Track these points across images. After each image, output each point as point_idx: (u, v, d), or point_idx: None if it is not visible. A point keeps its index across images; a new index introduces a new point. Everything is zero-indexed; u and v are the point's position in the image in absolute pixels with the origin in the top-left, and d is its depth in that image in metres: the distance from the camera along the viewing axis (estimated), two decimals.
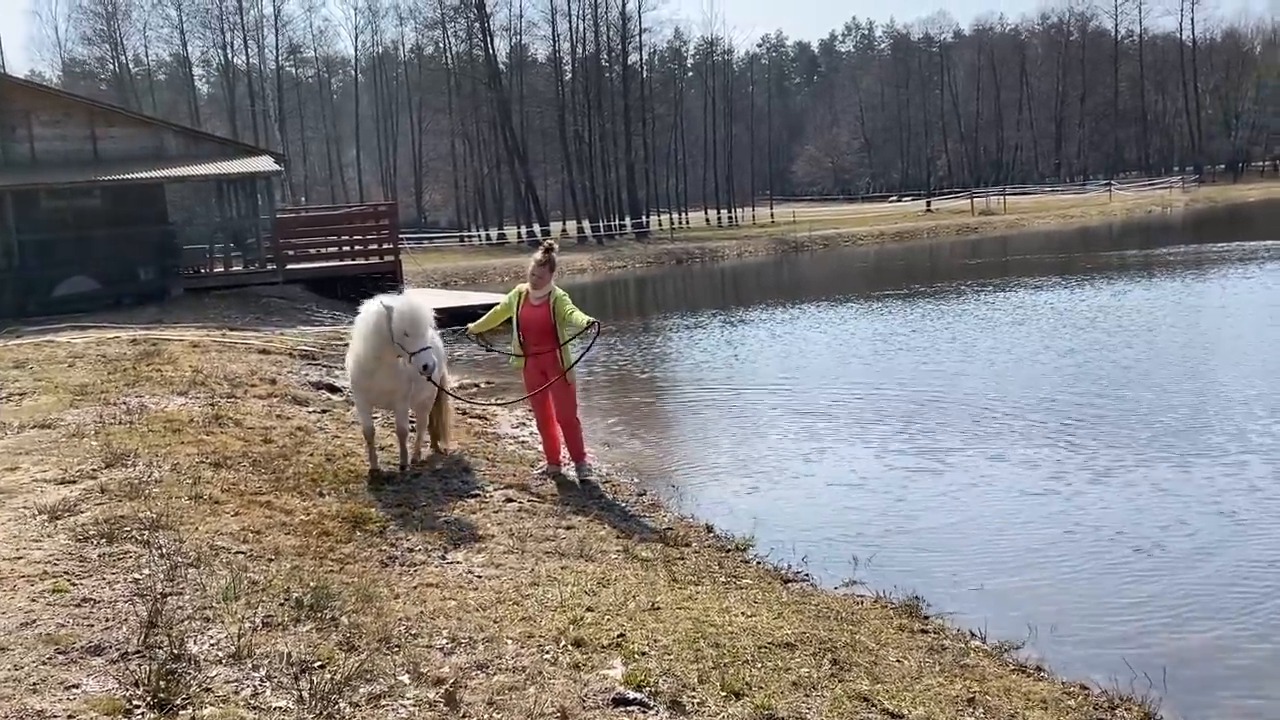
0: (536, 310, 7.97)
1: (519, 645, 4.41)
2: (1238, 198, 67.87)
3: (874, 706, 4.11)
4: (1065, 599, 5.97)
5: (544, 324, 7.95)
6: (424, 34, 71.59)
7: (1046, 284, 23.84)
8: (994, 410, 10.76)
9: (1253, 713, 4.67)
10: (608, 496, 7.86)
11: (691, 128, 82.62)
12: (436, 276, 37.69)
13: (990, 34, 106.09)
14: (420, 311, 7.27)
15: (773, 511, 7.80)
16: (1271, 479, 7.81)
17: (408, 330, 7.16)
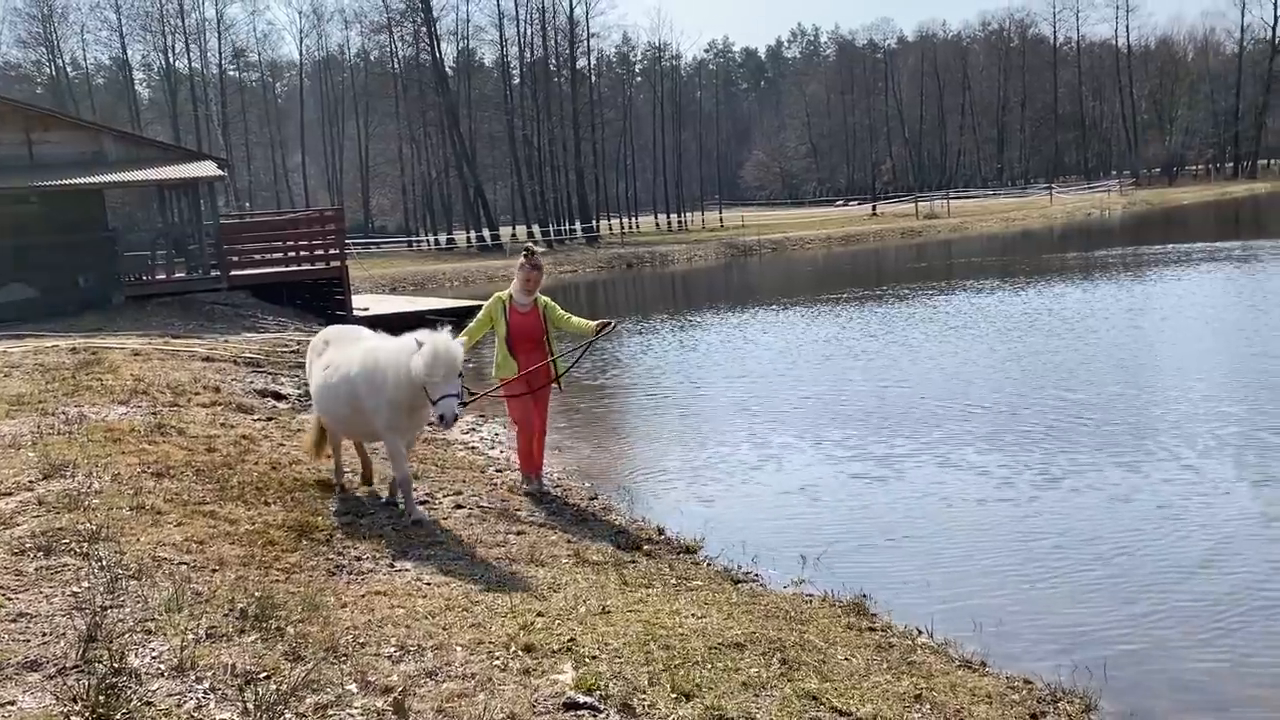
0: (527, 318, 7.77)
1: (468, 652, 4.39)
2: (1173, 201, 69.56)
3: (822, 705, 4.15)
4: (1009, 596, 6.09)
5: (537, 332, 7.81)
6: (370, 38, 71.07)
7: (990, 287, 24.24)
8: (940, 413, 10.92)
9: (1188, 702, 4.79)
10: (559, 501, 7.85)
11: (641, 132, 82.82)
12: (384, 282, 37.36)
13: (933, 40, 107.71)
14: (456, 354, 6.56)
15: (723, 514, 7.86)
16: (1210, 480, 7.98)
17: (443, 374, 6.45)
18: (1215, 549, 6.53)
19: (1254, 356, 13.14)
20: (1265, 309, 17.38)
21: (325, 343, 7.36)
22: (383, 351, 6.77)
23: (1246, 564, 6.28)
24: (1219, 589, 5.95)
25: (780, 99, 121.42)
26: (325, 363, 7.08)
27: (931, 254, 40.10)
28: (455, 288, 38.48)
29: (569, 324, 8.04)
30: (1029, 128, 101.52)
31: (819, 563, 6.65)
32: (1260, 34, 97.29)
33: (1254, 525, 6.90)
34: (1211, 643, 5.35)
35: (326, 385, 6.99)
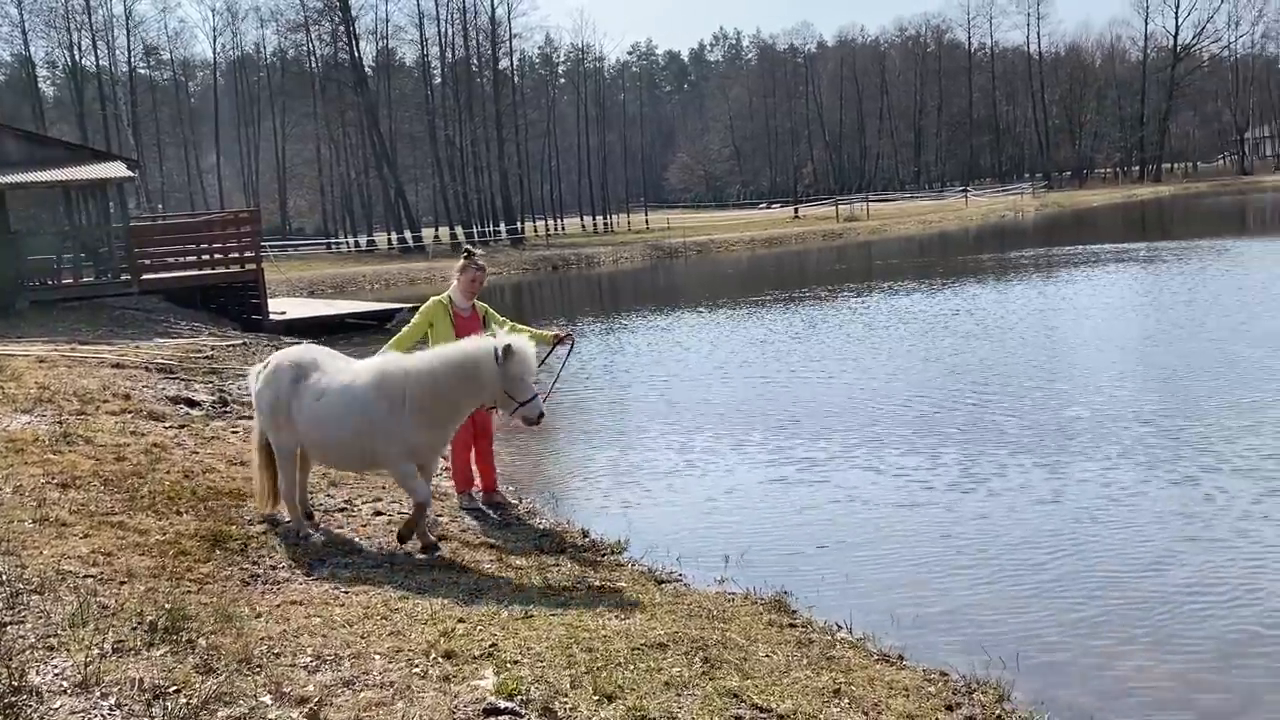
0: (468, 322, 7.45)
1: (387, 660, 4.33)
2: (1083, 203, 71.78)
3: (743, 702, 4.18)
4: (927, 591, 6.19)
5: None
6: (286, 37, 69.58)
7: (909, 289, 24.71)
8: (862, 415, 11.07)
9: (1097, 689, 4.93)
10: (482, 506, 7.77)
11: (565, 134, 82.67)
12: (302, 285, 36.69)
13: (852, 45, 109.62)
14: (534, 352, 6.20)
15: (648, 516, 7.86)
16: (1124, 479, 8.15)
17: (526, 373, 6.05)
18: (1127, 546, 6.70)
19: (1160, 355, 13.62)
20: (1169, 307, 18.02)
21: (296, 373, 6.34)
22: (441, 354, 6.23)
23: (1157, 559, 6.45)
24: (1129, 583, 6.11)
25: (703, 102, 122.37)
26: (317, 392, 6.22)
27: (852, 256, 40.75)
28: (376, 290, 37.97)
29: (515, 332, 7.82)
30: (945, 132, 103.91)
31: (742, 561, 6.70)
32: (1163, 42, 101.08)
33: (1165, 523, 7.08)
34: (1119, 632, 5.51)
35: (330, 412, 6.16)
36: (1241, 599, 5.78)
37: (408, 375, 6.12)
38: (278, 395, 6.35)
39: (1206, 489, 7.67)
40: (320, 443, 6.34)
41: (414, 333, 7.42)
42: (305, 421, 6.25)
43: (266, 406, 6.43)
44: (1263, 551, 6.44)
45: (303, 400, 6.26)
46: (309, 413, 6.23)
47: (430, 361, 6.21)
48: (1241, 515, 7.07)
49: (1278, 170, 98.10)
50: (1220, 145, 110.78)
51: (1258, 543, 6.58)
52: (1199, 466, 8.24)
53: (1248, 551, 6.45)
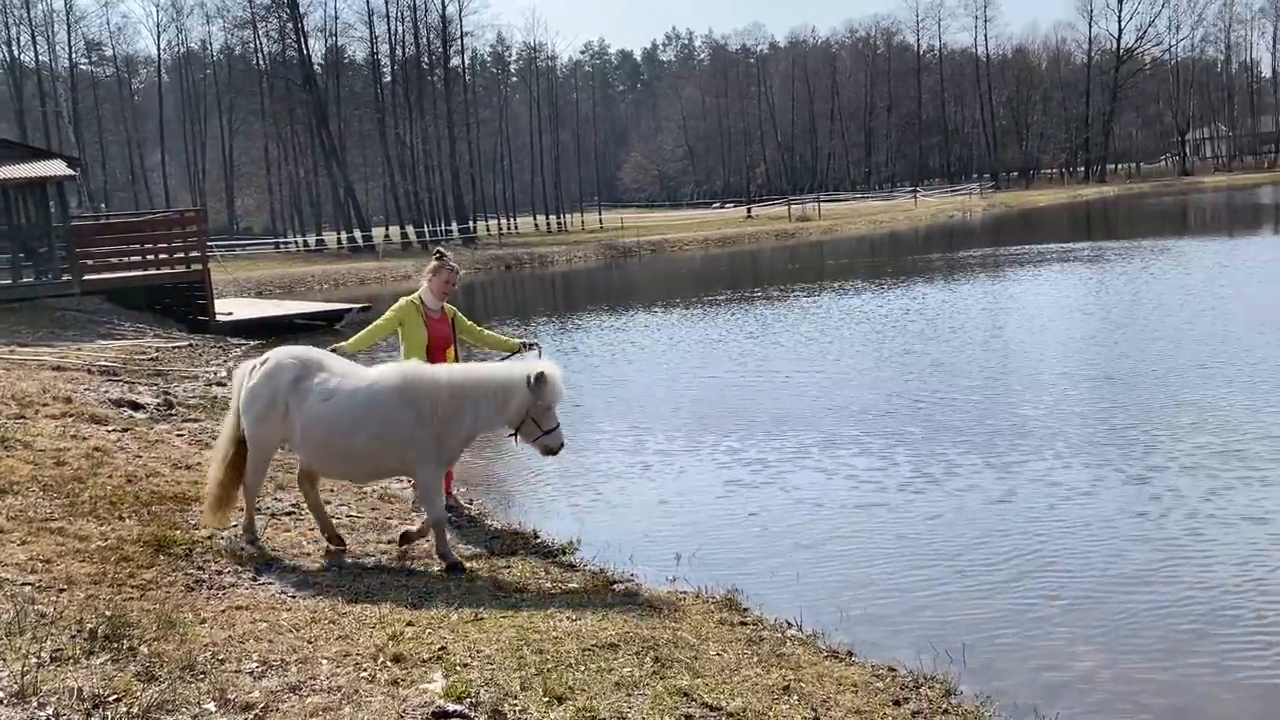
0: (439, 324, 7.39)
1: (334, 665, 4.28)
2: (1030, 203, 72.92)
3: (694, 701, 4.19)
4: (876, 588, 6.25)
5: (447, 341, 7.44)
6: (233, 34, 68.52)
7: (860, 289, 24.93)
8: (813, 416, 11.11)
9: (1042, 682, 5.00)
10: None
11: (518, 133, 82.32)
12: (250, 285, 36.17)
13: (803, 46, 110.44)
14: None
15: (601, 516, 7.86)
16: (1070, 477, 8.25)
17: (555, 402, 6.07)
18: (1076, 544, 6.76)
19: (1106, 354, 13.84)
20: (1114, 307, 18.38)
21: (299, 371, 6.13)
22: (488, 376, 6.14)
23: (1105, 557, 6.51)
24: (1077, 580, 6.19)
25: (657, 102, 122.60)
26: (323, 392, 6.04)
27: (804, 256, 41.03)
28: (325, 291, 37.54)
29: (482, 337, 7.75)
30: (895, 133, 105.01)
31: (694, 561, 6.72)
32: (1106, 45, 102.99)
33: (1113, 521, 7.15)
34: (1066, 628, 5.58)
35: (339, 415, 5.98)
36: (1188, 595, 5.86)
37: (437, 385, 6.03)
38: (276, 393, 6.09)
39: (1154, 488, 7.77)
40: (321, 444, 6.08)
41: (384, 328, 7.31)
42: (306, 421, 6.02)
43: (262, 403, 6.12)
44: (1210, 548, 6.52)
45: (305, 400, 6.05)
46: (312, 413, 6.02)
47: (462, 377, 6.15)
48: (1189, 513, 7.16)
49: (1217, 171, 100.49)
50: (1162, 146, 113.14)
51: (1206, 540, 6.66)
52: (1146, 465, 8.35)
53: (1195, 549, 6.54)
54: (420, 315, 7.32)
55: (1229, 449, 8.56)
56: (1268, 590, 5.84)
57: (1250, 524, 6.87)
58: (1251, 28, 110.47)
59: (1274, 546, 6.44)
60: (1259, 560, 6.27)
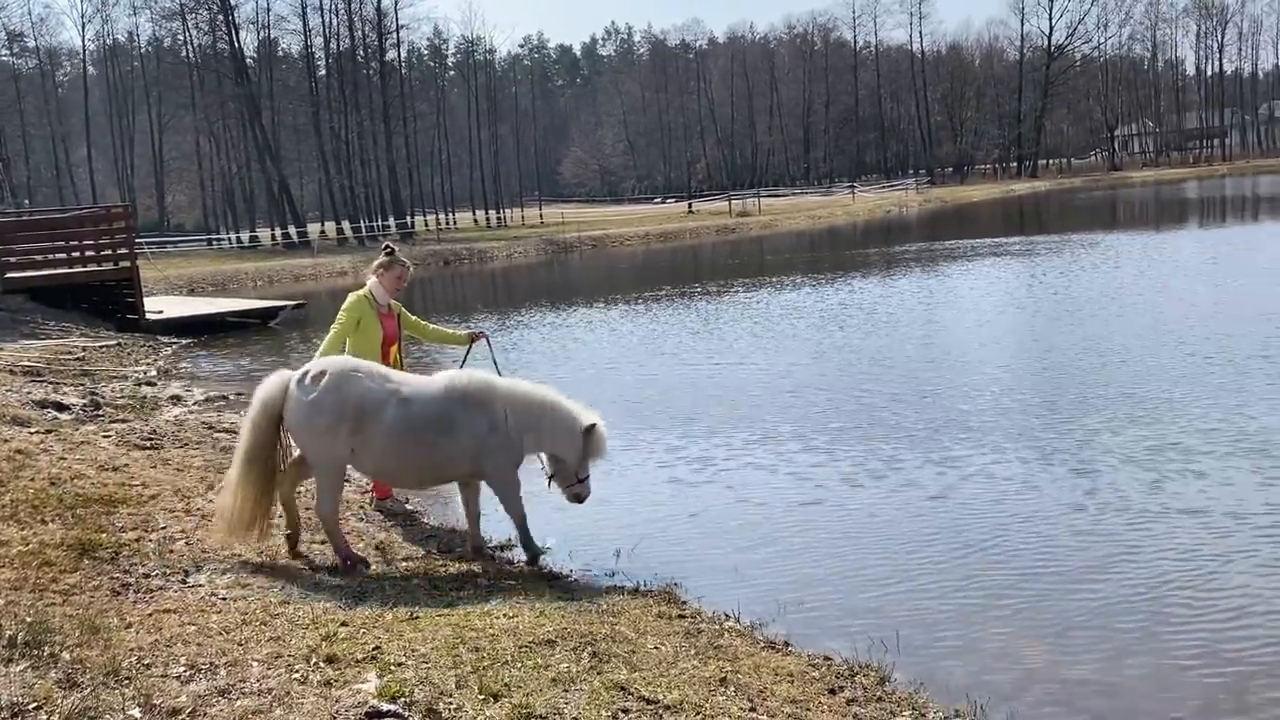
0: (389, 320, 7.29)
1: (265, 667, 4.21)
2: (964, 198, 74.16)
3: (630, 695, 4.19)
4: (814, 579, 6.29)
5: (395, 338, 7.35)
6: (161, 25, 67.05)
7: (801, 284, 25.10)
8: (755, 410, 11.08)
9: (976, 667, 5.08)
10: (368, 508, 7.62)
11: (456, 127, 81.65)
12: (181, 283, 35.38)
13: (742, 42, 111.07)
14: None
15: (539, 514, 7.74)
16: (1006, 470, 8.28)
17: (598, 455, 6.43)
18: (1012, 536, 6.79)
19: (1042, 348, 13.98)
20: (1048, 301, 18.75)
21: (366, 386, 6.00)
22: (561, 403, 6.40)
23: (1038, 548, 6.56)
24: (1013, 571, 6.23)
25: (597, 96, 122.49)
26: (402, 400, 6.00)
27: (745, 251, 41.26)
28: (259, 288, 36.88)
29: (428, 332, 7.72)
30: (833, 128, 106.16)
31: (633, 556, 6.72)
32: (1038, 42, 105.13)
33: (1051, 514, 7.16)
34: (999, 616, 5.65)
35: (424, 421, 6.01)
36: (1125, 588, 5.88)
37: (511, 397, 6.26)
38: (345, 403, 5.89)
39: (1092, 481, 7.75)
40: (402, 452, 6.05)
41: (348, 327, 7.13)
42: (387, 430, 5.94)
43: (328, 416, 5.88)
44: (1146, 541, 6.54)
45: (384, 408, 5.95)
46: (393, 421, 5.95)
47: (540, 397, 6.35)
48: (1126, 506, 7.15)
49: (1145, 167, 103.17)
50: (1092, 142, 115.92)
51: (1143, 533, 6.68)
52: (1083, 459, 8.33)
53: (1132, 542, 6.55)
54: (374, 311, 7.24)
55: (1164, 441, 8.62)
56: (1205, 584, 5.88)
57: (1187, 516, 6.90)
58: (1176, 26, 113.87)
59: (1213, 539, 6.48)
60: (1195, 552, 6.30)
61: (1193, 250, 26.37)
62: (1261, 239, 28.05)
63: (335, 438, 5.94)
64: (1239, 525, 6.69)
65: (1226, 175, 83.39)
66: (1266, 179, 72.25)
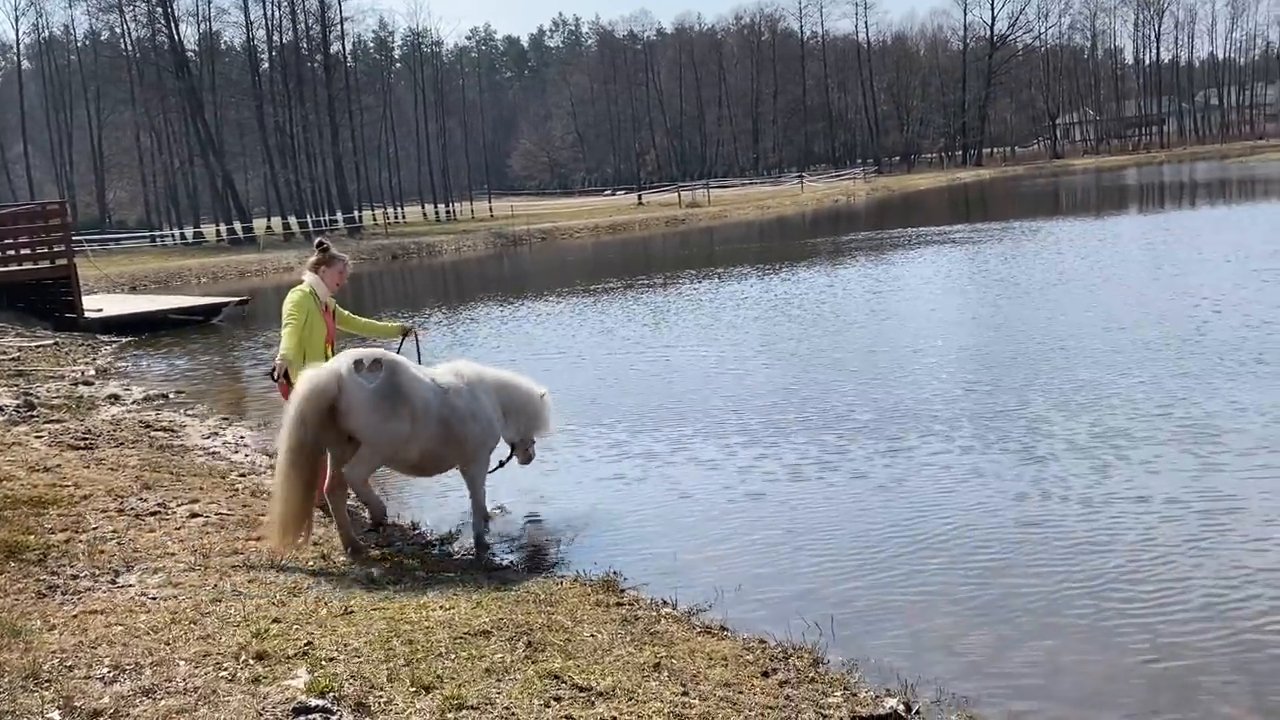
0: (329, 318, 7.29)
1: (193, 666, 4.16)
2: (911, 186, 74.98)
3: (564, 683, 4.20)
4: (752, 565, 6.29)
5: (334, 334, 7.34)
6: (98, 18, 65.57)
7: (750, 275, 25.17)
8: (702, 403, 10.95)
9: (907, 651, 5.11)
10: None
11: (403, 120, 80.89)
12: (123, 281, 34.71)
13: (690, 33, 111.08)
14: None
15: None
16: (953, 457, 8.27)
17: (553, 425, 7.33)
18: (952, 523, 6.74)
19: (988, 335, 14.06)
20: (992, 287, 18.99)
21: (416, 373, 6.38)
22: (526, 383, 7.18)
23: (976, 535, 6.51)
24: (947, 556, 6.22)
25: (545, 88, 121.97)
26: (456, 392, 6.53)
27: (695, 242, 41.34)
28: (204, 284, 36.31)
29: (361, 325, 7.80)
30: (781, 119, 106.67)
31: (574, 546, 6.72)
32: (981, 32, 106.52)
33: (989, 500, 7.13)
34: (933, 597, 5.69)
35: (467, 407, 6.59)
36: (1060, 571, 5.88)
37: (502, 385, 6.96)
38: (405, 389, 6.18)
39: (1036, 469, 7.65)
40: (443, 439, 6.44)
41: (301, 324, 7.06)
42: (442, 415, 6.37)
43: (394, 402, 6.12)
44: (1085, 526, 6.51)
45: (433, 398, 6.34)
46: (442, 410, 6.38)
47: (523, 385, 7.13)
48: (1068, 493, 7.08)
49: (1086, 154, 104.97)
50: (1035, 130, 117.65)
51: (1085, 521, 6.59)
52: (1027, 445, 8.24)
53: (1070, 526, 6.49)
54: (319, 309, 7.20)
55: (1107, 428, 8.57)
56: (1145, 570, 5.85)
57: (1130, 504, 6.82)
58: (1115, 16, 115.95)
59: (1156, 526, 6.43)
60: (1131, 539, 6.27)
61: (1132, 236, 26.85)
62: (1198, 225, 28.63)
63: (400, 420, 6.19)
64: (1182, 512, 6.62)
65: (1165, 162, 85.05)
66: (1203, 165, 73.96)
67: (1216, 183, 51.51)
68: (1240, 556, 5.93)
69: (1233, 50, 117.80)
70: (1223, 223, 28.16)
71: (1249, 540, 6.15)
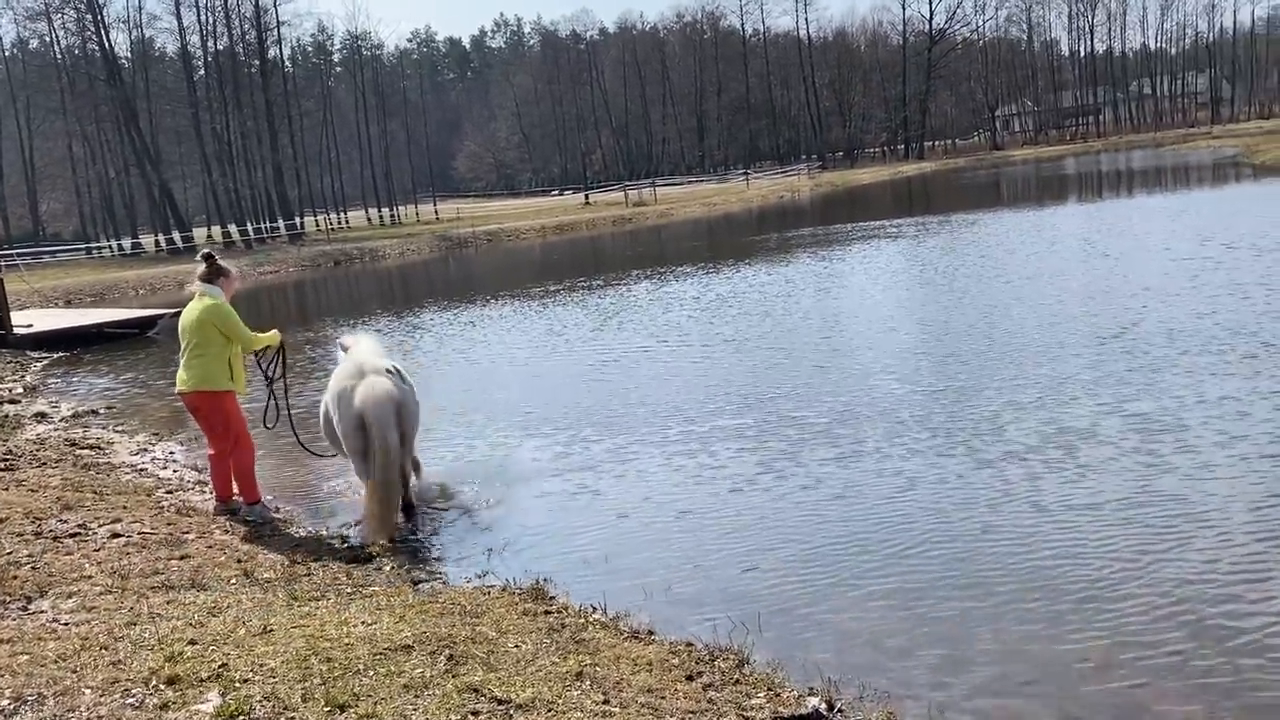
0: None
1: (99, 694, 4.05)
2: (855, 181, 75.58)
3: (483, 696, 4.15)
4: (683, 569, 6.22)
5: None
6: (25, 26, 63.97)
7: (696, 273, 25.12)
8: (646, 408, 10.81)
9: (832, 650, 5.11)
10: (233, 521, 7.41)
11: (344, 125, 79.96)
12: (57, 295, 33.91)
13: (632, 32, 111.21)
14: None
15: (412, 517, 7.64)
16: (895, 461, 8.22)
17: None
18: (884, 524, 6.67)
19: (933, 332, 13.92)
20: (937, 282, 19.14)
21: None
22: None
23: (911, 537, 6.44)
24: (881, 557, 6.17)
25: (489, 89, 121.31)
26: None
27: (643, 240, 41.29)
28: (141, 296, 35.55)
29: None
30: (725, 116, 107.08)
31: (504, 554, 6.67)
32: (920, 27, 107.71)
33: (927, 502, 7.04)
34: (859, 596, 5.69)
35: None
36: (985, 564, 5.88)
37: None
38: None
39: (980, 470, 7.53)
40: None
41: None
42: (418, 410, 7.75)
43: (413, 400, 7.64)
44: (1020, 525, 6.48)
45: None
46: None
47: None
48: (994, 491, 7.02)
49: (1025, 145, 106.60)
50: (975, 123, 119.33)
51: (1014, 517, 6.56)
52: (957, 442, 8.22)
53: (995, 522, 6.49)
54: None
55: (1053, 428, 8.36)
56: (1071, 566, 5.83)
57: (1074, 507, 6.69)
58: (1049, 8, 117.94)
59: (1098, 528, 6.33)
60: (1067, 535, 6.23)
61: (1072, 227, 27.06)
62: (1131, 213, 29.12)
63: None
64: (1129, 511, 6.50)
65: (1102, 151, 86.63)
66: (1138, 153, 75.40)
67: (1152, 170, 52.55)
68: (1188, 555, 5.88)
69: (1164, 40, 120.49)
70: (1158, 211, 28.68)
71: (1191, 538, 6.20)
